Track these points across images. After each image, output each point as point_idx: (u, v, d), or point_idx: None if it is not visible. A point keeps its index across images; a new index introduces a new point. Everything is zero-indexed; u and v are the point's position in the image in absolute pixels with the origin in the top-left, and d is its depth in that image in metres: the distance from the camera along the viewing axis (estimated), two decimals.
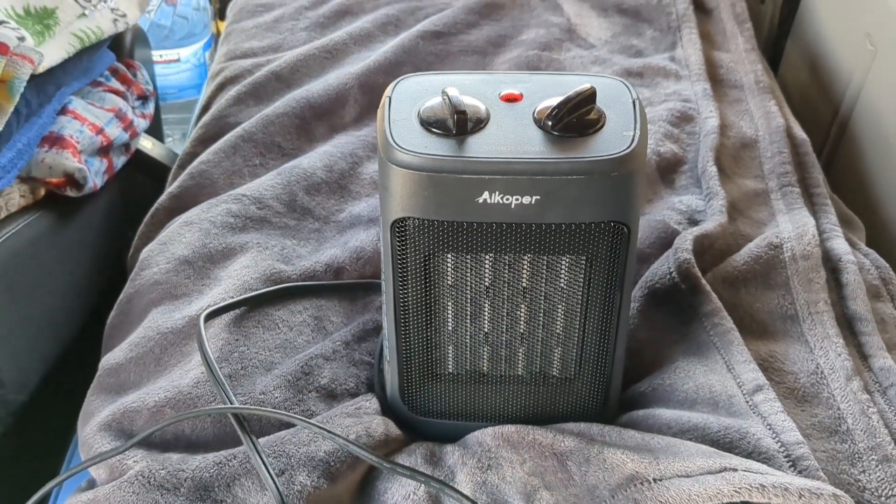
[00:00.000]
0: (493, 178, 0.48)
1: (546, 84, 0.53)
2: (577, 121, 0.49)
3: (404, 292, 0.55)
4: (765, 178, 0.82)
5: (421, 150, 0.49)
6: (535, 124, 0.50)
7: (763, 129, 0.87)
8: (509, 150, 0.49)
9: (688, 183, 0.81)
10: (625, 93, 0.53)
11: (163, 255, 0.72)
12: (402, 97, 0.53)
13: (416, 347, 0.57)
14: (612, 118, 0.51)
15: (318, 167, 0.81)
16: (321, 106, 0.89)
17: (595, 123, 0.50)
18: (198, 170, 0.82)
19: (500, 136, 0.49)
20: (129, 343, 0.66)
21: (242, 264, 0.70)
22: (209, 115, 0.91)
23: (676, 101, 0.90)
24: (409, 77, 0.54)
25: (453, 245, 0.52)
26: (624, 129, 0.50)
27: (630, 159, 0.49)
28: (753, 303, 0.68)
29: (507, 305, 0.56)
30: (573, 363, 0.58)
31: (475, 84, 0.53)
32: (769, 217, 0.77)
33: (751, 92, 0.93)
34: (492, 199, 0.49)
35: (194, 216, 0.75)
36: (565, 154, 0.49)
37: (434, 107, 0.51)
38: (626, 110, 0.51)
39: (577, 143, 0.49)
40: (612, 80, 0.54)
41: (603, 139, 0.49)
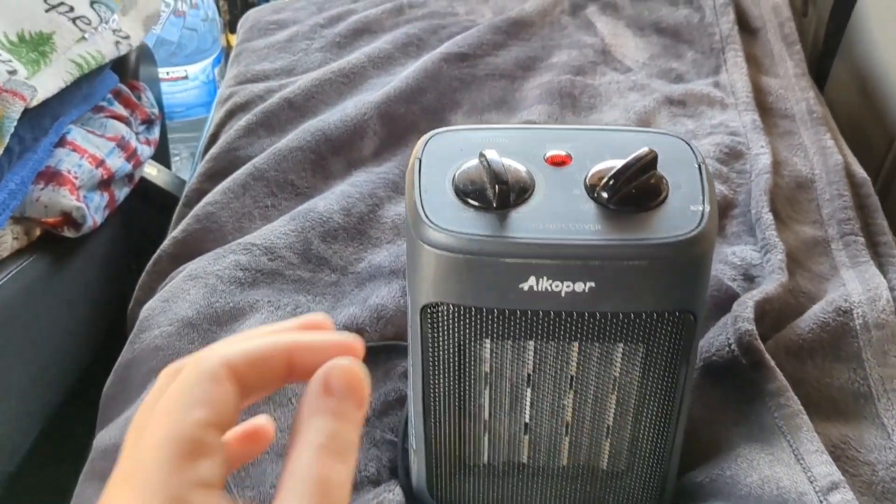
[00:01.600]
0: (541, 263, 0.42)
1: (597, 142, 0.46)
2: (636, 192, 0.43)
3: (435, 380, 0.48)
4: (824, 225, 0.74)
5: (456, 228, 0.42)
6: (588, 194, 0.43)
7: (819, 167, 0.79)
8: (559, 227, 0.42)
9: (740, 230, 0.74)
10: (687, 153, 0.46)
11: (165, 316, 0.65)
12: (434, 158, 0.46)
13: (446, 438, 0.51)
14: (675, 187, 0.44)
15: (335, 210, 0.74)
16: (338, 139, 0.82)
17: (657, 194, 0.43)
18: (204, 212, 0.76)
19: (549, 210, 0.43)
20: (127, 420, 0.60)
21: (251, 327, 0.63)
22: (217, 148, 0.84)
23: (724, 133, 0.83)
24: (441, 133, 0.48)
25: (492, 333, 0.45)
26: (691, 201, 0.43)
27: (700, 241, 0.42)
28: (822, 377, 0.61)
29: (552, 395, 0.49)
30: (625, 456, 0.51)
31: (516, 142, 0.46)
32: (831, 271, 0.70)
33: (803, 123, 0.85)
34: (539, 285, 0.42)
35: (200, 269, 0.68)
36: (624, 234, 0.42)
37: (471, 172, 0.44)
38: (692, 177, 0.44)
39: (638, 220, 0.43)
40: (671, 137, 0.47)
41: (667, 215, 0.43)
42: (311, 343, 0.30)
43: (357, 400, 0.28)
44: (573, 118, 0.87)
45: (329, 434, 0.27)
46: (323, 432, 0.27)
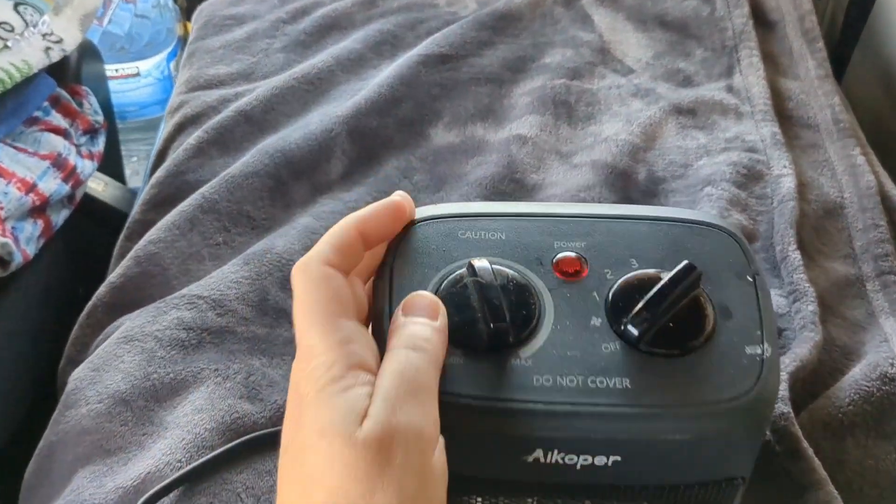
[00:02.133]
0: (550, 437, 0.32)
1: (618, 239, 0.36)
2: (674, 327, 0.33)
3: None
4: (857, 260, 0.65)
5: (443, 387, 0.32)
6: (610, 325, 0.34)
7: (850, 189, 0.70)
8: (577, 385, 0.32)
9: (762, 269, 0.64)
10: (736, 256, 0.35)
11: (94, 389, 0.56)
12: (410, 264, 0.36)
13: None
14: (723, 313, 0.34)
15: (297, 250, 0.64)
16: (300, 161, 0.72)
17: (701, 329, 0.33)
18: (145, 252, 0.66)
19: (562, 353, 0.33)
20: None
21: (195, 405, 0.54)
22: (163, 171, 0.74)
23: (740, 150, 0.73)
24: (422, 222, 0.37)
25: (487, 493, 0.36)
26: (746, 337, 0.33)
27: (760, 404, 0.32)
28: (864, 459, 0.52)
29: None
30: None
31: (519, 239, 0.36)
32: (868, 318, 0.61)
33: (829, 135, 0.76)
34: (548, 458, 0.32)
35: (136, 329, 0.59)
36: (661, 397, 0.32)
37: (457, 295, 0.34)
38: (745, 297, 0.34)
39: (677, 368, 0.33)
40: (714, 229, 0.36)
41: (715, 361, 0.33)
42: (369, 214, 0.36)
43: (429, 312, 0.33)
44: (568, 130, 0.77)
45: (406, 336, 0.32)
46: (402, 338, 0.32)
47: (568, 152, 0.75)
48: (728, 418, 0.32)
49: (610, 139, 0.74)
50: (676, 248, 0.35)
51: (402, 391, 0.30)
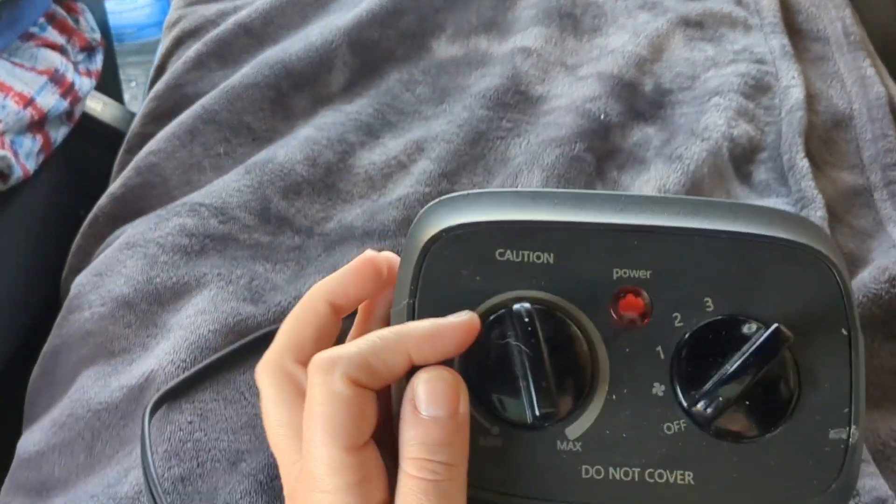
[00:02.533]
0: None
1: (691, 262, 0.29)
2: (750, 404, 0.27)
3: None
4: (865, 170, 0.64)
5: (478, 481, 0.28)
6: (675, 396, 0.28)
7: (859, 100, 0.69)
8: (632, 479, 0.28)
9: (769, 178, 0.63)
10: (832, 295, 0.28)
11: (97, 293, 0.55)
12: (438, 298, 0.29)
13: None
14: (809, 379, 0.28)
15: (299, 160, 0.63)
16: (301, 73, 0.70)
17: (783, 405, 0.28)
18: (146, 163, 0.65)
19: (615, 435, 0.28)
20: (53, 422, 0.51)
21: (198, 308, 0.54)
22: (163, 84, 0.73)
23: (748, 62, 0.71)
24: (454, 235, 0.29)
25: None
26: (832, 417, 0.28)
27: (843, 498, 0.28)
28: (870, 359, 0.52)
29: None
30: None
31: (571, 264, 0.29)
32: (876, 226, 0.60)
33: (838, 47, 0.74)
34: None
35: (138, 235, 0.58)
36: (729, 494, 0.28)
37: (497, 352, 0.28)
38: (837, 361, 0.28)
39: (749, 457, 0.28)
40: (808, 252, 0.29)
41: (795, 446, 0.28)
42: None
43: (449, 401, 0.27)
44: (574, 43, 0.76)
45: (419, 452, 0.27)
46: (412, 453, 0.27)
47: (573, 64, 0.73)
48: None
49: (616, 51, 0.73)
50: (762, 281, 0.28)
51: None
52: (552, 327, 0.28)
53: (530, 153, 0.63)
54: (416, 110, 0.70)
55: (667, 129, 0.67)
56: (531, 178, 0.61)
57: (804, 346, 0.28)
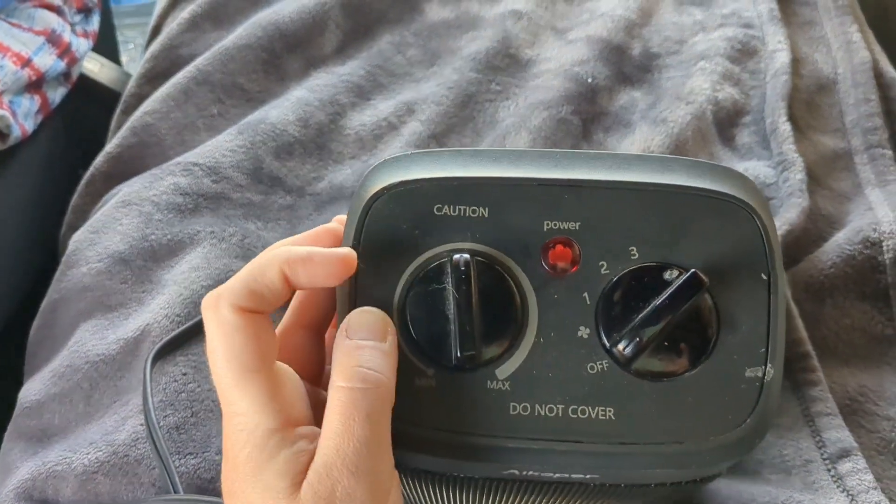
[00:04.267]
0: (524, 466, 0.30)
1: (617, 215, 0.30)
2: (669, 344, 0.29)
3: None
4: (847, 135, 0.65)
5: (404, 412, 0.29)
6: (599, 338, 0.30)
7: (844, 65, 0.69)
8: (556, 415, 0.29)
9: (752, 141, 0.65)
10: (753, 242, 0.30)
11: (94, 250, 0.57)
12: (379, 249, 0.31)
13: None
14: (728, 322, 0.30)
15: (291, 121, 0.65)
16: (294, 34, 0.71)
17: (701, 346, 0.29)
18: (141, 123, 0.66)
19: (542, 374, 0.29)
20: (53, 372, 0.53)
21: (192, 264, 0.55)
22: (158, 44, 0.73)
23: (736, 26, 0.72)
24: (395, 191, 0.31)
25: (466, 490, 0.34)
26: (748, 357, 0.29)
27: (754, 434, 0.29)
28: (842, 318, 0.53)
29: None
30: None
31: (504, 218, 0.30)
32: (854, 189, 0.62)
33: (826, 12, 0.75)
34: (522, 474, 0.31)
35: (134, 194, 0.60)
36: (648, 432, 0.29)
37: (431, 297, 0.30)
38: (755, 304, 0.29)
39: (668, 394, 0.29)
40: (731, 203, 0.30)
41: (712, 384, 0.29)
42: (299, 256, 0.30)
43: (377, 333, 0.29)
44: (564, 6, 0.76)
45: (351, 369, 0.29)
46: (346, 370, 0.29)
47: (563, 28, 0.74)
48: (714, 455, 0.29)
49: (606, 14, 0.74)
50: (684, 230, 0.30)
51: (348, 452, 0.28)
52: (485, 276, 0.29)
53: (518, 115, 0.65)
54: (407, 72, 0.71)
55: (653, 93, 0.68)
56: (518, 140, 0.62)
57: (724, 290, 0.29)
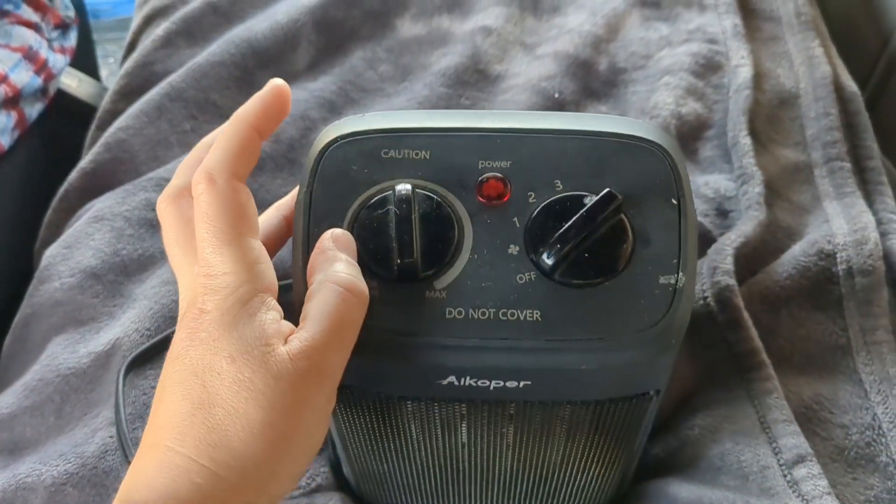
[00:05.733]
0: (461, 367, 0.33)
1: (544, 156, 0.34)
2: (589, 256, 0.32)
3: (357, 445, 0.42)
4: (807, 148, 0.67)
5: None
6: (527, 254, 0.33)
7: (805, 79, 0.71)
8: (488, 318, 0.32)
9: (714, 155, 0.66)
10: (664, 176, 0.33)
11: (66, 265, 0.58)
12: (331, 189, 0.34)
13: (372, 469, 0.45)
14: (643, 241, 0.33)
15: None
16: (266, 51, 0.72)
17: (618, 258, 0.33)
18: (115, 139, 0.67)
19: (476, 284, 0.33)
20: (25, 386, 0.53)
21: (162, 278, 0.56)
22: (132, 61, 0.75)
23: (701, 41, 0.74)
24: (346, 141, 0.35)
25: (413, 417, 0.38)
26: (662, 266, 0.32)
27: (669, 333, 0.32)
28: (797, 328, 0.55)
29: (491, 458, 0.42)
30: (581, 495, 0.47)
31: (444, 159, 0.34)
32: (813, 202, 0.63)
33: (790, 27, 0.77)
34: (461, 382, 0.34)
35: (106, 209, 0.61)
36: (571, 329, 0.32)
37: (377, 221, 0.33)
38: (667, 223, 0.33)
39: (589, 299, 0.32)
40: (645, 145, 0.34)
41: (629, 289, 0.32)
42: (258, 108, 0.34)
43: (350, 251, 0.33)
44: (533, 22, 0.78)
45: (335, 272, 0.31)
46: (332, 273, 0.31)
47: (532, 44, 0.76)
48: (633, 350, 0.32)
49: (573, 30, 0.75)
50: (603, 167, 0.34)
51: (334, 331, 0.30)
52: (425, 204, 0.33)
53: None
54: (379, 87, 0.73)
55: (618, 108, 0.69)
56: None
57: (640, 213, 0.33)
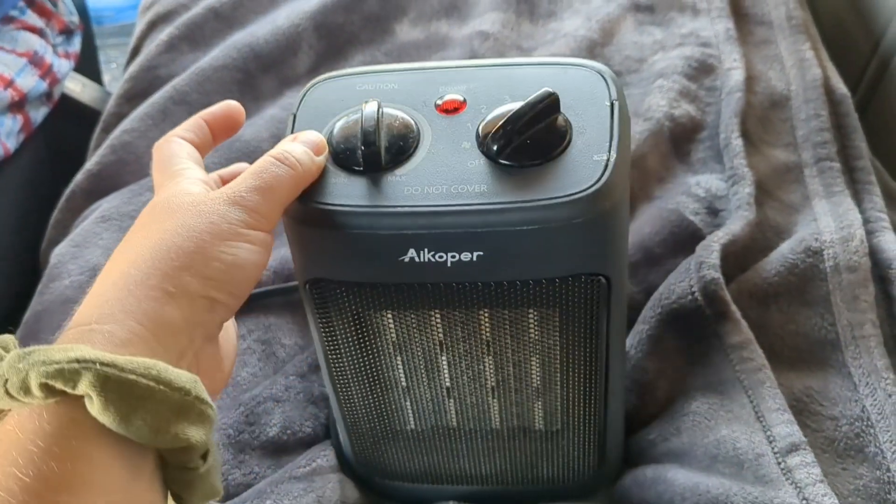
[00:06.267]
0: (417, 234, 0.37)
1: (498, 82, 0.40)
2: (531, 143, 0.37)
3: (337, 353, 0.44)
4: (798, 148, 0.68)
5: (326, 199, 0.37)
6: (479, 148, 0.38)
7: (796, 81, 0.73)
8: (440, 191, 0.37)
9: (707, 156, 0.68)
10: (600, 89, 0.39)
11: (75, 263, 0.59)
12: (312, 112, 0.40)
13: (363, 408, 0.47)
14: (579, 132, 0.38)
15: (264, 138, 0.68)
16: (268, 55, 0.74)
17: (556, 144, 0.37)
18: (120, 141, 0.69)
19: (431, 170, 0.38)
20: None
21: None
22: (136, 66, 0.76)
23: (694, 45, 0.75)
24: (325, 80, 0.42)
25: (384, 305, 0.41)
26: (595, 149, 0.37)
27: (601, 197, 0.36)
28: (786, 324, 0.56)
29: (469, 359, 0.44)
30: (558, 416, 0.47)
31: (406, 87, 0.41)
32: (803, 201, 0.65)
33: (781, 31, 0.78)
34: (420, 257, 0.37)
35: (113, 209, 0.62)
36: (513, 195, 0.36)
37: (347, 130, 0.39)
38: (600, 119, 0.38)
39: (531, 175, 0.37)
40: (585, 69, 0.40)
41: (565, 168, 0.37)
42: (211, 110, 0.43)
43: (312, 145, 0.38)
44: (530, 27, 0.79)
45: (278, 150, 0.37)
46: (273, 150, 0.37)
47: (529, 48, 0.77)
48: (570, 207, 0.36)
49: (569, 35, 0.77)
50: (547, 84, 0.38)
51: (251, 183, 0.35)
52: (389, 116, 0.39)
53: None
54: None
55: None
56: None
57: (578, 114, 0.38)
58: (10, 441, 0.28)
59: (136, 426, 0.29)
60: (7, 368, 0.29)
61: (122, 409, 0.28)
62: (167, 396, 0.30)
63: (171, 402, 0.30)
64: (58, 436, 0.28)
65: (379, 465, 0.50)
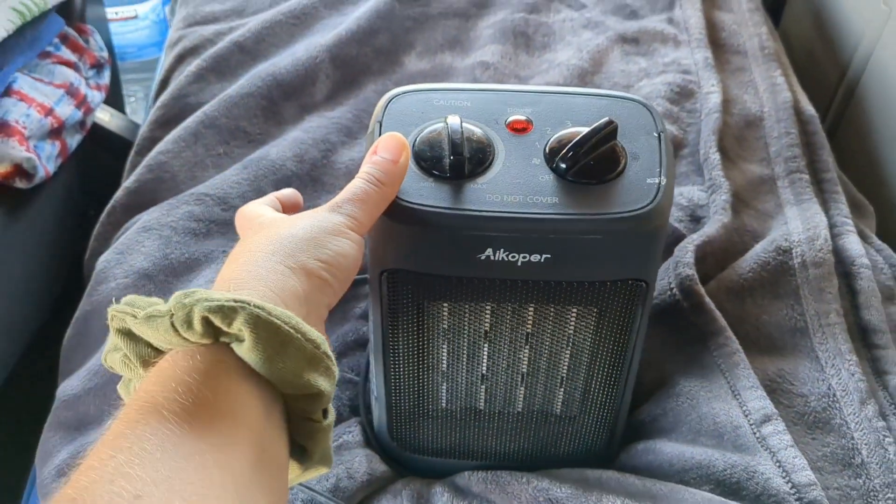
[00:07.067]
0: (497, 236, 0.43)
1: (559, 107, 0.46)
2: (594, 164, 0.43)
3: (394, 338, 0.49)
4: (771, 163, 0.76)
5: (415, 200, 0.43)
6: (547, 164, 0.44)
7: (769, 104, 0.80)
8: (517, 200, 0.43)
9: (689, 170, 0.75)
10: (647, 120, 0.46)
11: (121, 268, 0.66)
12: (395, 122, 0.46)
13: (405, 388, 0.52)
14: (633, 158, 0.44)
15: (288, 157, 0.74)
16: (289, 84, 0.81)
17: (615, 166, 0.43)
18: (156, 161, 0.75)
19: (507, 181, 0.43)
20: (88, 371, 0.61)
21: (207, 277, 0.64)
22: (168, 94, 0.83)
23: (675, 72, 0.83)
24: (403, 94, 0.47)
25: (450, 297, 0.46)
26: (648, 173, 0.44)
27: (655, 216, 0.42)
28: (760, 314, 0.63)
29: (508, 349, 0.50)
30: (577, 403, 0.53)
31: (478, 105, 0.47)
32: (776, 209, 0.72)
33: (755, 59, 0.86)
34: (496, 256, 0.43)
35: (154, 220, 0.69)
36: (581, 208, 0.42)
37: (431, 139, 0.44)
38: (651, 147, 0.44)
39: (595, 192, 0.43)
40: (633, 102, 0.47)
41: (624, 188, 0.43)
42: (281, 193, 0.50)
43: (393, 151, 0.42)
44: (526, 58, 0.87)
45: (364, 171, 0.42)
46: (361, 172, 0.42)
47: (525, 76, 0.85)
48: (630, 222, 0.42)
49: (562, 64, 0.84)
50: (603, 113, 0.45)
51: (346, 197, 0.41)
52: (468, 129, 0.44)
53: None
54: None
55: None
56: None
57: (631, 141, 0.44)
58: (167, 375, 0.32)
59: (277, 368, 0.33)
60: (174, 304, 0.33)
61: (268, 351, 0.33)
62: (302, 345, 0.34)
63: (305, 352, 0.34)
64: (210, 373, 0.32)
65: (412, 440, 0.55)
